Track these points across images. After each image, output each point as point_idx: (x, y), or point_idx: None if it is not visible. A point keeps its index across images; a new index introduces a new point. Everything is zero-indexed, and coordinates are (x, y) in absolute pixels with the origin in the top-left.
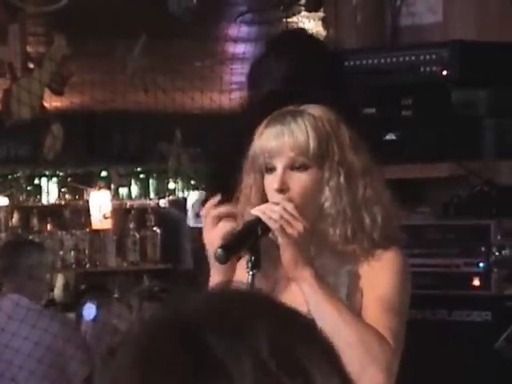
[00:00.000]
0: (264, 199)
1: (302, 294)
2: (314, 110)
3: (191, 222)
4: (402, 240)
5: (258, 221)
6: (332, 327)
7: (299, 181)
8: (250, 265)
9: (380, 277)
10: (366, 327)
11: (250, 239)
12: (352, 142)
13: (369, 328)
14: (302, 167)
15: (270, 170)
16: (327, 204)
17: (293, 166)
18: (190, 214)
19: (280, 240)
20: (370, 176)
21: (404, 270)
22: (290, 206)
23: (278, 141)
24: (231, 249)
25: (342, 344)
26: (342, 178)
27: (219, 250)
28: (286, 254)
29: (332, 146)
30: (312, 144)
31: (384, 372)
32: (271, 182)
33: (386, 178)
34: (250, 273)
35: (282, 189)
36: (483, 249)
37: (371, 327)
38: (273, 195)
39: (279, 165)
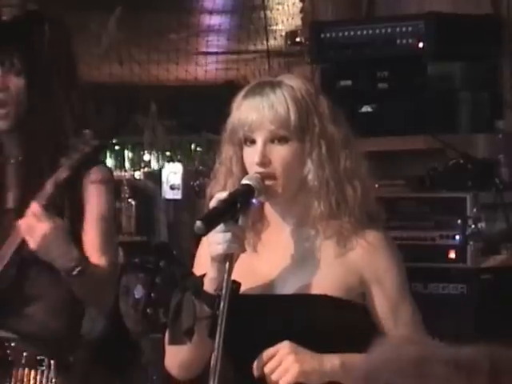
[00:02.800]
0: (245, 171)
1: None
2: (292, 80)
3: (166, 194)
4: (382, 216)
5: (238, 193)
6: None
7: (280, 154)
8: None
9: (381, 267)
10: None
11: (229, 211)
12: (331, 113)
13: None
14: (283, 140)
15: (250, 142)
16: (310, 176)
17: (273, 139)
18: (165, 186)
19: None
20: (349, 148)
21: (397, 250)
22: None
23: (257, 113)
24: (210, 221)
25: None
26: (323, 150)
27: (198, 223)
28: (307, 372)
29: (312, 117)
30: (293, 116)
31: None
32: (251, 155)
33: (362, 151)
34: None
35: (263, 162)
36: (459, 222)
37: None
38: (252, 168)
39: (259, 138)
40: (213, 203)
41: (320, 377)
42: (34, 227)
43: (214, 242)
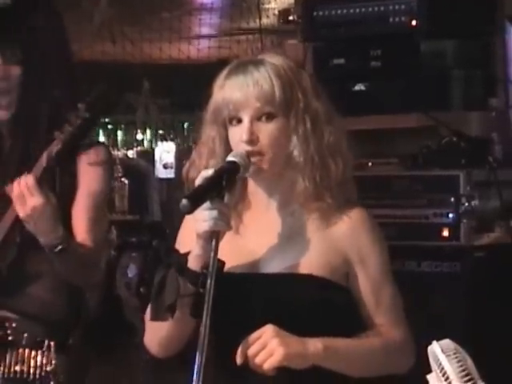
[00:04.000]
0: (229, 151)
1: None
2: (274, 58)
3: (159, 173)
4: (355, 195)
5: (224, 170)
6: (362, 371)
7: (267, 131)
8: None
9: (364, 246)
10: (385, 345)
11: (214, 189)
12: (314, 88)
13: (387, 343)
14: (269, 117)
15: (237, 122)
16: (295, 152)
17: (260, 117)
18: (158, 165)
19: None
20: (332, 124)
21: (379, 229)
22: None
23: (242, 92)
24: (195, 199)
25: (377, 372)
26: (308, 125)
27: (183, 201)
28: (294, 359)
29: (296, 93)
30: (278, 92)
31: (411, 359)
32: (237, 133)
33: (355, 129)
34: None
35: (251, 140)
36: (452, 200)
37: (387, 340)
38: (239, 146)
39: (246, 116)
40: (198, 181)
41: (303, 360)
42: (26, 198)
43: (200, 219)
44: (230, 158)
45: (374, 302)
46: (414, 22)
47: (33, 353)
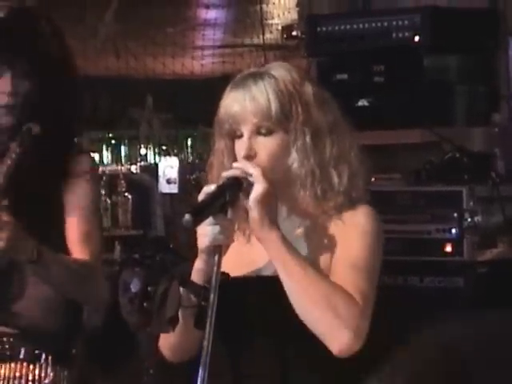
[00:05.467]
0: None
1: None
2: (276, 70)
3: (163, 188)
4: (367, 201)
5: (227, 185)
6: (298, 287)
7: (265, 146)
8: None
9: (351, 236)
10: (334, 286)
11: (218, 204)
12: (317, 98)
13: (336, 287)
14: (267, 132)
15: (238, 136)
16: (295, 165)
17: (258, 131)
18: (161, 179)
19: (250, 201)
20: (337, 133)
21: (376, 230)
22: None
23: (240, 106)
24: (198, 214)
25: (309, 304)
26: (307, 138)
27: (186, 216)
28: (254, 214)
29: (296, 106)
30: (274, 108)
31: (351, 331)
32: (239, 148)
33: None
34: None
35: (249, 155)
36: (455, 215)
37: (339, 286)
38: (240, 161)
39: (244, 131)
40: (200, 196)
41: (259, 223)
42: None
43: (202, 234)
44: (230, 173)
45: (341, 277)
46: (417, 38)
47: (31, 366)
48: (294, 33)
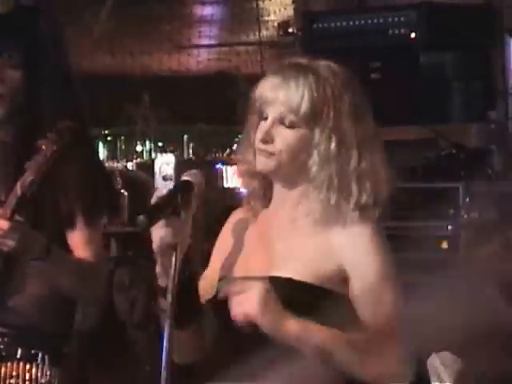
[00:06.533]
0: None
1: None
2: (323, 69)
3: (159, 184)
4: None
5: (178, 188)
6: (336, 360)
7: (284, 136)
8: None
9: (362, 261)
10: (363, 339)
11: (170, 205)
12: (352, 109)
13: (365, 338)
14: (290, 125)
15: (264, 118)
16: (314, 168)
17: (282, 121)
18: (157, 176)
19: (253, 311)
20: (367, 149)
21: (384, 249)
22: None
23: (272, 92)
24: (151, 216)
25: (351, 366)
26: (332, 145)
27: (140, 217)
28: (263, 323)
29: (328, 111)
30: (304, 105)
31: (399, 364)
32: (260, 129)
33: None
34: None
35: (266, 140)
36: (451, 211)
37: (367, 335)
38: (258, 143)
39: (270, 115)
40: (153, 200)
41: (273, 332)
42: (4, 240)
43: (155, 236)
44: (184, 177)
45: (367, 312)
46: (413, 35)
47: (27, 366)
48: (290, 29)
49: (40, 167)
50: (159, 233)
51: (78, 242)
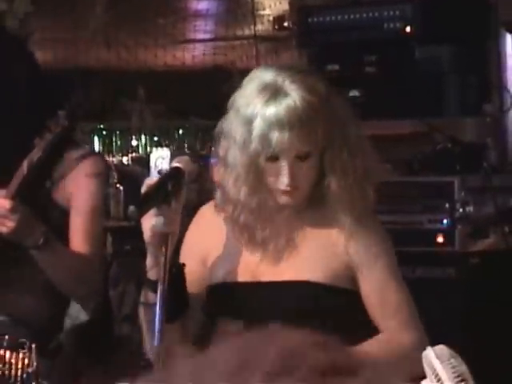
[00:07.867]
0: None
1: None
2: (299, 91)
3: (154, 179)
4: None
5: (168, 175)
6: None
7: (305, 170)
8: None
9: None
10: (387, 349)
11: (161, 194)
12: (347, 112)
13: (390, 346)
14: (307, 155)
15: (274, 159)
16: (333, 186)
17: (298, 156)
18: (153, 170)
19: None
20: (364, 147)
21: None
22: None
23: (278, 134)
24: (143, 205)
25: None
26: (345, 156)
27: (131, 207)
28: None
29: (333, 124)
30: (319, 131)
31: (418, 336)
32: (275, 171)
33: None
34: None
35: (294, 186)
36: (447, 206)
37: (389, 343)
38: (277, 183)
39: (285, 159)
40: (143, 189)
41: None
42: (3, 220)
43: (146, 226)
44: (174, 164)
45: (379, 305)
46: (408, 28)
47: (14, 354)
48: (286, 24)
49: (47, 145)
50: (150, 221)
51: (78, 238)
